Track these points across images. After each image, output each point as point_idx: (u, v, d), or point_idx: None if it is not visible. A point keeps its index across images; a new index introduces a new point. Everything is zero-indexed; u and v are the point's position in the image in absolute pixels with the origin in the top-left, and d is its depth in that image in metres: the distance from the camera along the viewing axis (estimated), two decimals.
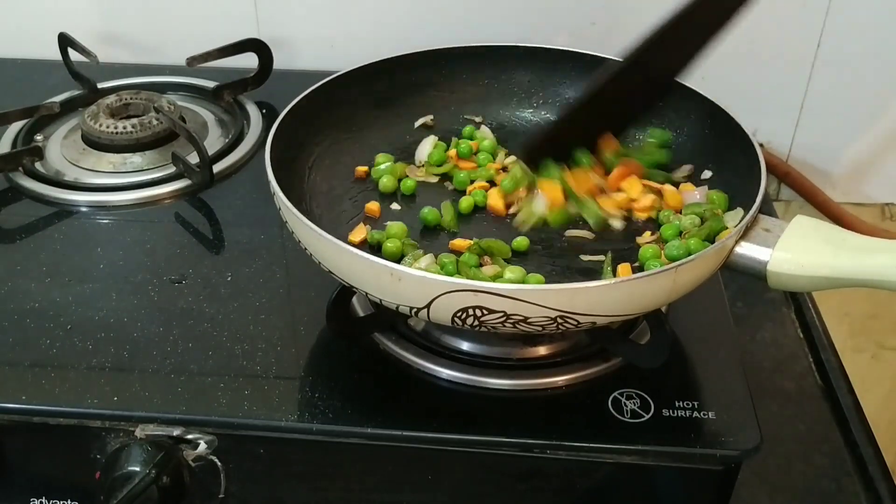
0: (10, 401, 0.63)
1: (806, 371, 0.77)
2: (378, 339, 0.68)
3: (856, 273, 0.58)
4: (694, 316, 0.71)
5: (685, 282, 0.59)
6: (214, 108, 1.00)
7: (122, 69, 1.05)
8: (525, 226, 0.71)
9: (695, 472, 0.61)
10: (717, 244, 0.61)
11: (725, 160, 0.73)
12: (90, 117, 0.91)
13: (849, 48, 1.00)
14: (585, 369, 0.65)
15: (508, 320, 0.57)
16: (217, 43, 0.99)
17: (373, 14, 1.05)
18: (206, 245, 0.80)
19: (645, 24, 0.69)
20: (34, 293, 0.73)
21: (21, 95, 0.99)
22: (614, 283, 0.57)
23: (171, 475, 0.61)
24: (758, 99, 1.02)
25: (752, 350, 0.78)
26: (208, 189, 0.85)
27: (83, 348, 0.67)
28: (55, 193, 0.84)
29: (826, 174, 1.07)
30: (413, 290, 0.57)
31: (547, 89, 0.83)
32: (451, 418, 0.62)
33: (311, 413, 0.62)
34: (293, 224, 0.63)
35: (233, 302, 0.72)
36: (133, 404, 0.63)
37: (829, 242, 0.60)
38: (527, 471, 0.63)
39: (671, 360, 0.64)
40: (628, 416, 0.62)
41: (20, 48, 1.09)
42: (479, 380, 0.65)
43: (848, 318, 1.14)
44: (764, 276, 0.61)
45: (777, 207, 1.08)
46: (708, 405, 0.63)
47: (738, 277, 0.71)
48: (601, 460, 0.61)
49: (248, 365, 0.66)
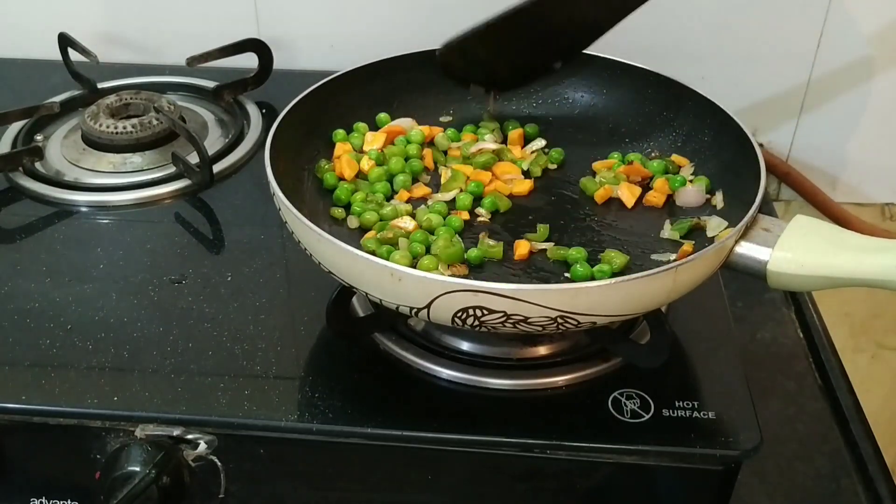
0: (10, 401, 0.63)
1: (806, 371, 0.77)
2: (378, 339, 0.68)
3: (856, 273, 0.58)
4: (694, 316, 0.71)
5: (685, 281, 0.59)
6: (214, 108, 1.00)
7: (123, 69, 1.05)
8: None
9: (695, 472, 0.61)
10: (716, 244, 0.61)
11: (725, 160, 0.73)
12: (90, 117, 0.91)
13: (849, 48, 1.00)
14: (585, 369, 0.65)
15: (509, 320, 0.57)
16: (217, 43, 0.99)
17: (373, 14, 1.05)
18: (206, 245, 0.80)
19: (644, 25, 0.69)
20: (34, 293, 0.73)
21: (21, 95, 0.99)
22: (614, 283, 0.57)
23: (171, 475, 0.61)
24: (758, 99, 1.02)
25: (752, 350, 0.78)
26: (208, 189, 0.85)
27: (83, 348, 0.67)
28: (55, 193, 0.84)
29: (826, 174, 1.07)
30: (413, 290, 0.57)
31: (546, 88, 0.83)
32: (452, 418, 0.62)
33: (311, 413, 0.62)
34: (293, 224, 0.63)
35: (233, 302, 0.72)
36: (133, 404, 0.63)
37: (830, 242, 0.60)
38: (527, 471, 0.63)
39: (671, 360, 0.64)
40: (628, 416, 0.62)
41: (20, 48, 1.09)
42: (480, 380, 0.65)
43: (848, 319, 1.14)
44: (764, 275, 0.61)
45: (777, 207, 1.08)
46: (708, 405, 0.63)
47: (738, 277, 0.71)
48: (601, 460, 0.61)
49: (248, 365, 0.66)
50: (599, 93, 0.82)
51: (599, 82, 0.82)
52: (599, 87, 0.82)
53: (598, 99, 0.82)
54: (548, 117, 0.83)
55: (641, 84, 0.80)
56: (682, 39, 1.01)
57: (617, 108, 0.81)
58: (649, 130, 0.79)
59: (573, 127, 0.81)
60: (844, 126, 1.05)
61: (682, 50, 1.00)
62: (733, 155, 0.71)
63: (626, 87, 0.81)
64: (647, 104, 0.80)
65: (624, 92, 0.81)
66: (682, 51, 1.00)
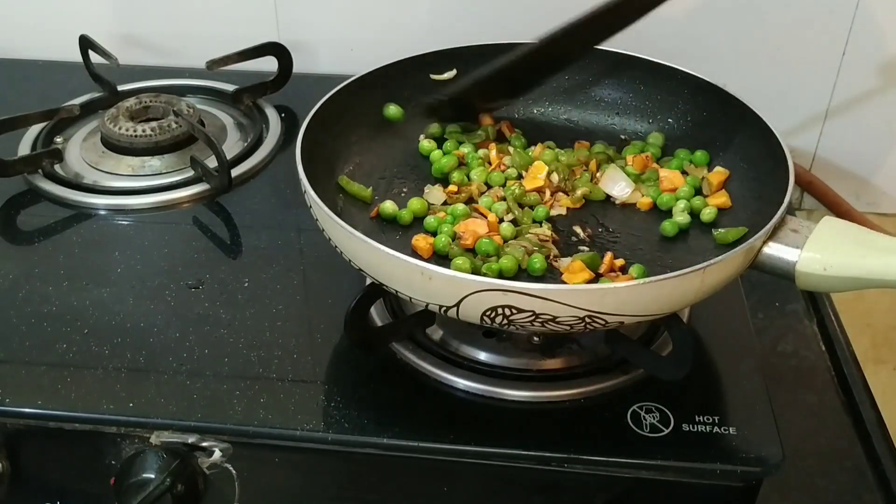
0: (25, 405, 0.63)
1: (827, 384, 0.76)
2: (395, 349, 0.67)
3: (885, 274, 0.57)
4: (715, 327, 0.71)
5: (713, 282, 0.59)
6: (233, 112, 1.00)
7: (143, 72, 1.05)
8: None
9: (715, 488, 0.60)
10: (745, 244, 0.60)
11: (753, 160, 0.72)
12: (110, 120, 0.91)
13: (874, 55, 0.99)
14: (604, 381, 0.65)
15: (537, 319, 0.56)
16: (237, 46, 0.99)
17: (392, 17, 1.04)
18: (224, 250, 0.80)
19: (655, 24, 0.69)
20: (52, 296, 0.73)
21: (41, 97, 0.99)
22: (643, 283, 0.57)
23: (186, 483, 0.61)
24: (782, 106, 1.01)
25: (773, 362, 0.77)
26: (226, 193, 0.85)
27: (99, 353, 0.67)
28: (74, 196, 0.85)
29: (850, 184, 1.06)
30: (443, 288, 0.57)
31: (574, 85, 0.83)
32: (468, 430, 0.62)
33: (327, 422, 0.62)
34: (324, 222, 0.63)
35: (249, 308, 0.72)
36: (148, 410, 0.63)
37: (858, 243, 0.60)
38: (544, 484, 0.62)
39: (692, 372, 0.63)
40: (647, 430, 0.61)
41: (41, 50, 1.10)
42: (497, 391, 0.64)
43: (870, 329, 1.13)
44: (792, 276, 0.60)
45: (799, 217, 1.06)
46: (729, 420, 0.62)
47: (760, 288, 0.71)
48: (619, 475, 0.60)
49: (264, 372, 0.66)
50: (629, 90, 0.82)
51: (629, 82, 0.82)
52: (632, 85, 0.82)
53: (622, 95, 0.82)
54: (571, 114, 0.83)
55: (677, 84, 0.79)
56: (703, 44, 1.00)
57: (649, 107, 0.81)
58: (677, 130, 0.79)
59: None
60: (869, 135, 1.03)
61: (703, 55, 0.99)
62: (760, 156, 0.71)
63: (662, 88, 0.80)
64: (682, 104, 0.80)
65: (660, 93, 0.81)
66: (703, 56, 0.99)
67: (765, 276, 0.62)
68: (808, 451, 0.70)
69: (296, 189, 0.66)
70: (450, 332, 0.68)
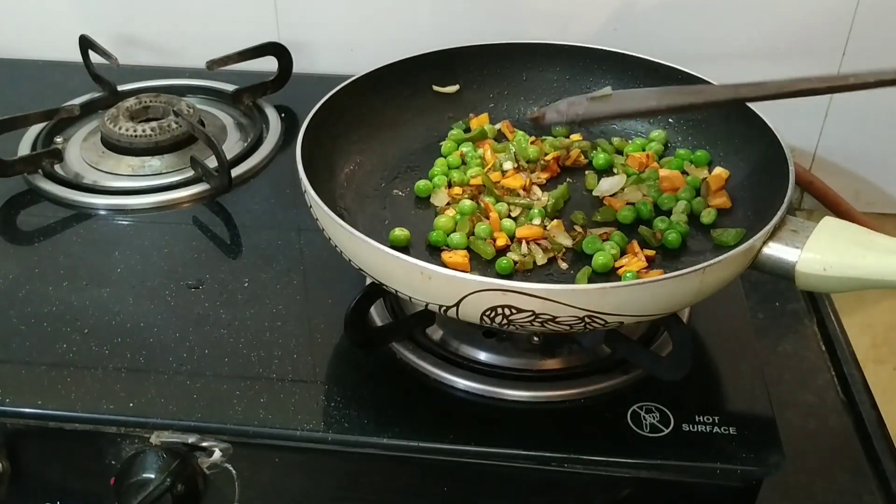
0: (25, 405, 0.63)
1: (828, 384, 0.76)
2: (395, 349, 0.67)
3: (885, 274, 0.57)
4: (715, 328, 0.71)
5: (713, 282, 0.59)
6: (233, 112, 1.00)
7: (143, 72, 1.05)
8: None
9: (715, 488, 0.60)
10: (745, 244, 0.60)
11: (753, 160, 0.72)
12: (110, 120, 0.91)
13: (874, 55, 0.98)
14: (604, 381, 0.65)
15: (537, 319, 0.56)
16: (237, 46, 0.99)
17: (392, 17, 1.04)
18: (224, 250, 0.80)
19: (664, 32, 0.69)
20: (51, 296, 0.73)
21: (41, 97, 0.99)
22: (643, 284, 0.57)
23: (186, 483, 0.61)
24: (782, 106, 1.00)
25: (773, 362, 0.77)
26: (226, 193, 0.85)
27: (99, 353, 0.67)
28: (74, 196, 0.85)
29: (850, 184, 1.06)
30: (443, 288, 0.57)
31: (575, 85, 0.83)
32: (468, 429, 0.62)
33: (327, 422, 0.62)
34: (324, 222, 0.63)
35: (249, 308, 0.72)
36: (148, 410, 0.63)
37: (858, 244, 0.59)
38: (543, 484, 0.62)
39: (692, 372, 0.63)
40: (647, 430, 0.61)
41: (41, 50, 1.10)
42: (497, 391, 0.64)
43: (871, 330, 1.13)
44: (792, 276, 0.60)
45: (799, 217, 1.06)
46: (729, 420, 0.62)
47: (760, 288, 0.70)
48: (619, 475, 0.60)
49: (264, 372, 0.66)
50: None
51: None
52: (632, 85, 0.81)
53: None
54: None
55: (677, 84, 0.79)
56: (703, 44, 1.00)
57: None
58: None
59: None
60: (869, 135, 1.03)
61: (703, 55, 0.99)
62: (760, 156, 0.71)
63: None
64: None
65: None
66: (703, 56, 0.99)
67: (765, 276, 0.62)
68: (808, 451, 0.70)
69: (296, 189, 0.66)
70: (450, 332, 0.68)
